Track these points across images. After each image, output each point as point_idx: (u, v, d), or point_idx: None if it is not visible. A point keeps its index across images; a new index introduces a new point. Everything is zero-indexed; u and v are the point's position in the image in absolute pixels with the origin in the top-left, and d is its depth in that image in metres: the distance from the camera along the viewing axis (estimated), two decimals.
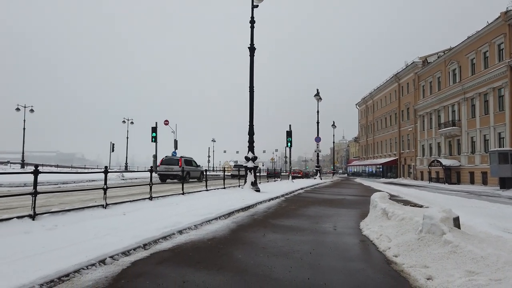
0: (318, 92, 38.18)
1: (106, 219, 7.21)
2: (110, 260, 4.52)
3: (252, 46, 16.76)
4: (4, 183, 16.27)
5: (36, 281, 3.53)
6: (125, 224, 6.66)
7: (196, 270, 4.33)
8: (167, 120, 41.96)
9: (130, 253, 4.95)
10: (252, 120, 16.83)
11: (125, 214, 7.84)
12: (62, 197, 12.31)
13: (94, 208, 8.33)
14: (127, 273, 4.16)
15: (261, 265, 4.64)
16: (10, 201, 9.96)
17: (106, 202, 8.59)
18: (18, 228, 5.80)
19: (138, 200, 10.22)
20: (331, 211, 10.88)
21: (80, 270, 4.04)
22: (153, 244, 5.58)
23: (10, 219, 6.24)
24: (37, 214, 6.70)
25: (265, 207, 11.47)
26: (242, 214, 9.62)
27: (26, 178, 17.26)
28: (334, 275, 4.30)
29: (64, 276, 3.81)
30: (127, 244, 5.09)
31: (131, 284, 3.79)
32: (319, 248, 5.72)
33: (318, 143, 40.53)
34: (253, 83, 16.84)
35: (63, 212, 7.38)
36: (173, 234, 6.24)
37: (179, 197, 12.15)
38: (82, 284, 3.73)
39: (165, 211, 8.58)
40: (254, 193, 15.26)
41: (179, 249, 5.46)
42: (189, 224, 7.01)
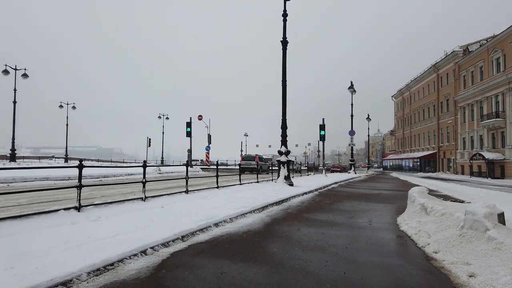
0: (352, 84, 37.40)
1: (145, 211, 7.48)
2: (151, 251, 4.71)
3: (285, 40, 16.66)
4: (50, 176, 17.22)
5: (84, 269, 3.74)
6: (164, 217, 6.89)
7: (233, 262, 4.43)
8: (201, 115, 42.65)
9: (169, 245, 5.13)
10: (285, 114, 16.79)
11: (163, 207, 8.10)
12: (103, 190, 12.87)
13: (134, 200, 8.66)
14: (167, 264, 4.32)
15: (296, 258, 4.66)
16: (57, 194, 10.55)
17: (145, 195, 8.90)
18: (66, 219, 6.15)
19: (175, 194, 10.52)
20: (366, 206, 10.71)
21: (124, 259, 4.24)
22: (191, 236, 5.75)
23: (58, 211, 6.62)
24: (82, 206, 7.06)
25: (298, 201, 11.45)
26: (276, 208, 9.67)
27: (70, 172, 18.16)
28: (371, 271, 4.26)
29: (109, 265, 4.02)
30: (166, 236, 5.27)
31: (171, 274, 3.93)
32: (354, 243, 5.66)
33: (352, 137, 39.80)
34: (285, 77, 16.77)
35: (105, 205, 7.73)
36: (209, 227, 6.39)
37: (214, 190, 12.38)
38: (125, 273, 3.92)
39: (201, 204, 8.78)
40: (287, 187, 15.26)
41: (215, 241, 5.59)
42: (224, 217, 7.15)
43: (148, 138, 50.69)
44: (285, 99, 16.84)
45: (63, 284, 3.41)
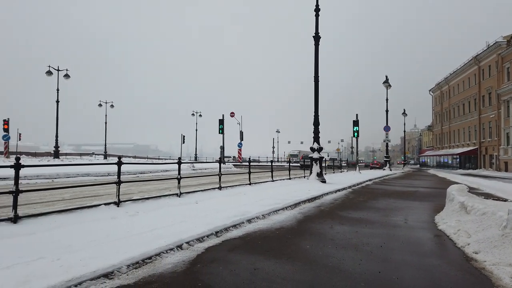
0: (387, 79, 36.38)
1: (180, 207, 7.69)
2: (186, 246, 4.85)
3: (317, 35, 16.47)
4: (91, 172, 18.02)
5: (124, 262, 3.91)
6: (198, 212, 7.05)
7: (266, 259, 4.47)
8: (233, 112, 43.04)
9: (203, 240, 5.25)
10: (317, 111, 16.62)
11: (197, 203, 8.28)
12: (140, 186, 13.31)
13: (170, 196, 8.91)
14: (202, 258, 4.43)
15: (330, 256, 4.64)
16: (97, 189, 11.03)
17: (180, 191, 9.14)
18: (106, 214, 6.44)
19: (209, 190, 10.71)
20: (402, 204, 10.43)
21: (161, 253, 4.39)
22: (224, 232, 5.85)
23: (99, 206, 6.94)
24: (121, 201, 7.36)
25: (331, 199, 11.34)
26: (308, 205, 9.63)
27: (109, 169, 18.91)
28: (408, 270, 4.16)
29: (147, 258, 4.18)
30: (201, 231, 5.40)
31: (206, 269, 4.03)
32: (390, 242, 5.55)
33: (387, 133, 38.77)
34: (318, 73, 16.59)
35: (142, 200, 8.01)
36: (242, 223, 6.47)
37: (246, 187, 12.49)
38: (163, 267, 4.06)
39: (234, 201, 8.90)
40: (320, 184, 15.13)
41: (248, 237, 5.66)
42: (257, 213, 7.21)
43: (182, 135, 51.70)
44: (317, 95, 16.66)
45: (105, 275, 3.59)
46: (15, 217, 5.43)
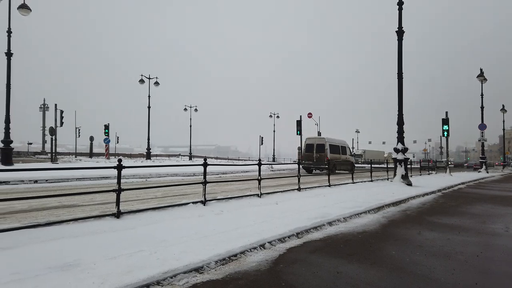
0: (482, 72, 32.97)
1: (261, 207, 7.90)
2: (269, 245, 4.98)
3: (400, 30, 15.63)
4: (179, 173, 19.36)
5: (212, 258, 4.17)
6: (278, 213, 7.18)
7: (349, 262, 4.40)
8: (311, 113, 42.69)
9: (285, 240, 5.34)
10: (401, 109, 15.75)
11: (277, 204, 8.43)
12: (222, 186, 13.93)
13: (251, 197, 9.20)
14: (284, 259, 4.52)
15: (418, 264, 4.40)
16: (185, 188, 11.81)
17: (260, 192, 9.38)
18: (194, 212, 6.89)
19: (288, 191, 10.82)
20: (502, 210, 9.40)
21: (245, 252, 4.59)
22: (305, 233, 5.88)
23: (187, 204, 7.46)
24: (207, 200, 7.81)
25: (418, 203, 10.66)
26: (392, 209, 9.19)
27: (195, 169, 20.13)
28: (510, 284, 3.77)
29: (233, 256, 4.40)
30: (282, 232, 5.50)
31: (288, 269, 4.11)
32: (488, 252, 5.06)
33: (482, 131, 35.12)
34: (401, 69, 15.73)
35: (226, 200, 8.40)
36: (323, 225, 6.43)
37: (326, 189, 12.33)
38: (247, 265, 4.23)
39: (313, 202, 8.87)
40: (405, 186, 14.31)
41: (329, 240, 5.61)
42: (338, 216, 7.10)
43: (261, 136, 52.87)
44: (401, 93, 15.79)
45: (196, 270, 3.87)
46: (118, 213, 6.10)
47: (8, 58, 17.44)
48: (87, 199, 9.27)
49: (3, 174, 12.46)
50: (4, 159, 17.46)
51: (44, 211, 7.44)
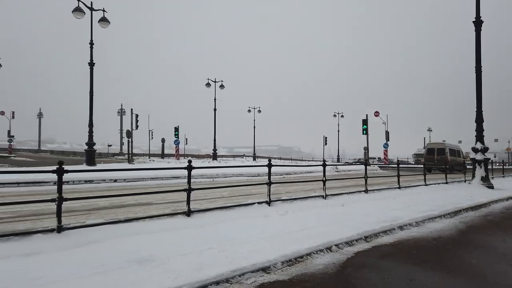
0: None
1: (326, 209, 7.77)
2: (335, 248, 4.89)
3: (478, 20, 14.38)
4: (244, 173, 19.76)
5: (278, 258, 4.21)
6: (345, 215, 7.01)
7: (422, 270, 4.16)
8: (377, 111, 41.03)
9: (352, 244, 5.20)
10: (480, 106, 14.48)
11: (343, 206, 8.24)
12: (286, 187, 13.94)
13: (316, 198, 9.09)
14: (352, 263, 4.40)
15: (503, 274, 4.02)
16: (250, 189, 12.01)
17: (325, 193, 9.23)
18: (260, 212, 7.00)
19: (354, 193, 10.51)
20: None
21: (311, 253, 4.55)
22: (374, 237, 5.67)
23: (252, 204, 7.59)
24: (272, 201, 7.88)
25: (502, 207, 9.72)
26: (471, 213, 8.49)
27: (258, 170, 20.39)
28: None
29: (299, 257, 4.39)
30: (349, 235, 5.37)
31: (357, 274, 4.00)
32: None
33: None
34: (480, 63, 14.46)
35: (290, 201, 8.40)
36: (393, 229, 6.15)
37: (395, 191, 11.77)
38: (314, 267, 4.20)
39: (382, 205, 8.51)
40: (485, 189, 13.14)
41: (400, 245, 5.35)
42: (409, 220, 6.74)
43: (324, 136, 52.04)
44: (480, 89, 14.52)
45: (263, 269, 3.93)
46: (189, 212, 6.40)
47: (91, 68, 19.18)
48: (159, 197, 9.84)
49: (88, 174, 13.72)
50: (88, 160, 19.23)
51: (123, 208, 8.05)
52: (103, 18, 18.72)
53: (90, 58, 19.16)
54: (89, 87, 19.33)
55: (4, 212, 7.05)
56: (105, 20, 18.75)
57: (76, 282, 3.35)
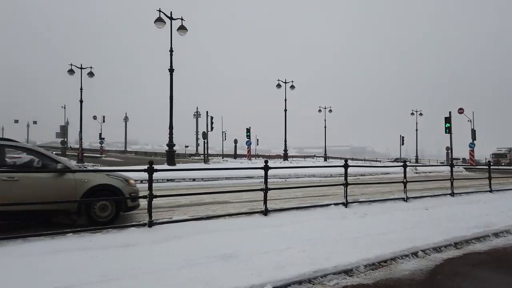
0: None
1: (408, 212, 7.37)
2: (422, 254, 4.61)
3: None
4: (316, 173, 19.52)
5: (360, 262, 4.09)
6: (429, 219, 6.59)
7: None
8: (462, 108, 37.76)
9: (441, 250, 4.87)
10: None
11: (427, 209, 7.74)
12: (362, 188, 13.47)
13: (395, 200, 8.67)
14: (442, 270, 4.12)
15: None
16: (324, 189, 11.81)
17: (406, 196, 8.76)
18: (336, 213, 6.87)
19: (438, 196, 9.82)
20: None
21: (396, 258, 4.35)
22: (465, 244, 5.24)
23: (329, 205, 7.49)
24: (348, 202, 7.69)
25: None
26: None
27: (332, 170, 20.00)
28: None
29: (383, 261, 4.23)
30: (437, 240, 5.03)
31: (448, 282, 3.73)
32: None
33: None
34: None
35: (368, 203, 8.12)
36: (487, 236, 5.63)
37: (486, 194, 10.76)
38: (399, 272, 4.01)
39: (471, 210, 7.83)
40: None
41: (496, 253, 4.88)
42: (506, 226, 6.12)
43: (401, 136, 49.39)
44: None
45: (345, 272, 3.86)
46: (266, 211, 6.52)
47: (171, 74, 20.46)
48: (235, 196, 10.12)
49: (170, 173, 14.61)
50: (169, 160, 20.53)
51: (202, 206, 8.46)
52: (181, 26, 19.84)
53: (170, 65, 20.42)
54: (169, 92, 20.60)
55: None
56: (183, 28, 19.85)
57: (170, 273, 3.60)
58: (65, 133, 33.92)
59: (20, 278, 3.42)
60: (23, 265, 3.72)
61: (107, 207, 5.82)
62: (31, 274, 3.50)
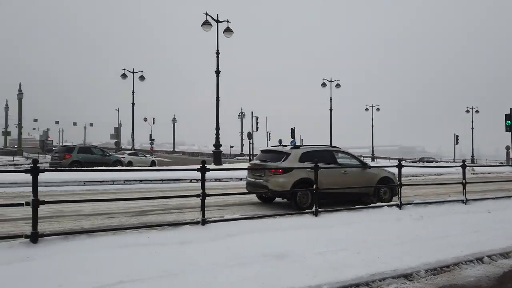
0: None
1: (468, 215, 6.96)
2: (488, 260, 4.33)
3: None
4: None
5: (421, 266, 3.92)
6: (493, 223, 6.18)
7: None
8: None
9: (509, 256, 4.54)
10: None
11: (489, 212, 7.26)
12: (414, 189, 12.88)
13: (453, 202, 8.20)
14: (511, 277, 3.84)
15: None
16: None
17: (465, 198, 8.26)
18: (390, 215, 6.63)
19: (501, 198, 9.16)
20: None
21: (459, 264, 4.12)
22: None
23: (382, 207, 7.25)
24: (403, 204, 7.40)
25: None
26: None
27: None
28: None
29: (445, 266, 4.01)
30: (504, 246, 4.71)
31: None
32: None
33: None
34: None
35: (424, 205, 7.75)
36: None
37: None
38: (463, 278, 3.79)
39: None
40: None
41: None
42: None
43: (455, 135, 46.85)
44: None
45: (405, 276, 3.71)
46: (316, 211, 6.45)
47: (217, 76, 20.85)
48: None
49: (218, 173, 14.84)
50: (216, 160, 20.94)
51: (251, 205, 8.53)
52: (227, 28, 20.14)
53: (216, 67, 20.80)
54: (216, 93, 21.00)
55: (154, 205, 8.12)
56: (229, 30, 20.14)
57: (226, 271, 3.65)
58: (118, 135, 35.72)
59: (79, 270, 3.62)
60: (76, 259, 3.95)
61: (386, 192, 8.55)
62: (91, 267, 3.69)
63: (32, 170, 4.22)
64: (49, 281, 3.29)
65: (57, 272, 3.47)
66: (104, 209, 7.51)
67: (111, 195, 9.79)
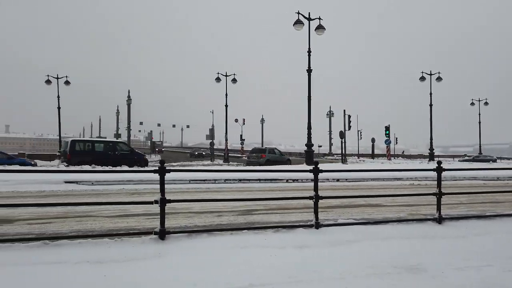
0: None
1: None
2: None
3: None
4: (478, 176, 16.77)
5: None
6: None
7: None
8: None
9: None
10: None
11: None
12: None
13: None
14: None
15: None
16: (495, 195, 10.02)
17: None
18: None
19: None
20: None
21: None
22: None
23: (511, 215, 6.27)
24: None
25: None
26: None
27: (498, 173, 17.06)
28: None
29: None
30: None
31: None
32: None
33: None
34: None
35: None
36: None
37: None
38: None
39: None
40: None
41: None
42: None
43: None
44: None
45: None
46: (440, 218, 5.82)
47: (309, 74, 20.57)
48: (388, 199, 9.37)
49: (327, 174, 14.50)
50: (308, 160, 20.71)
51: (356, 208, 8.07)
52: (319, 25, 19.74)
53: (308, 65, 20.54)
54: (307, 92, 20.74)
55: (257, 204, 8.16)
56: (321, 27, 19.71)
57: (357, 281, 3.39)
58: (213, 135, 37.56)
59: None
60: (203, 258, 4.01)
61: None
62: (217, 267, 3.71)
63: (160, 170, 4.44)
64: (183, 278, 3.37)
65: (190, 270, 3.56)
66: (212, 207, 7.76)
67: (226, 194, 10.12)
